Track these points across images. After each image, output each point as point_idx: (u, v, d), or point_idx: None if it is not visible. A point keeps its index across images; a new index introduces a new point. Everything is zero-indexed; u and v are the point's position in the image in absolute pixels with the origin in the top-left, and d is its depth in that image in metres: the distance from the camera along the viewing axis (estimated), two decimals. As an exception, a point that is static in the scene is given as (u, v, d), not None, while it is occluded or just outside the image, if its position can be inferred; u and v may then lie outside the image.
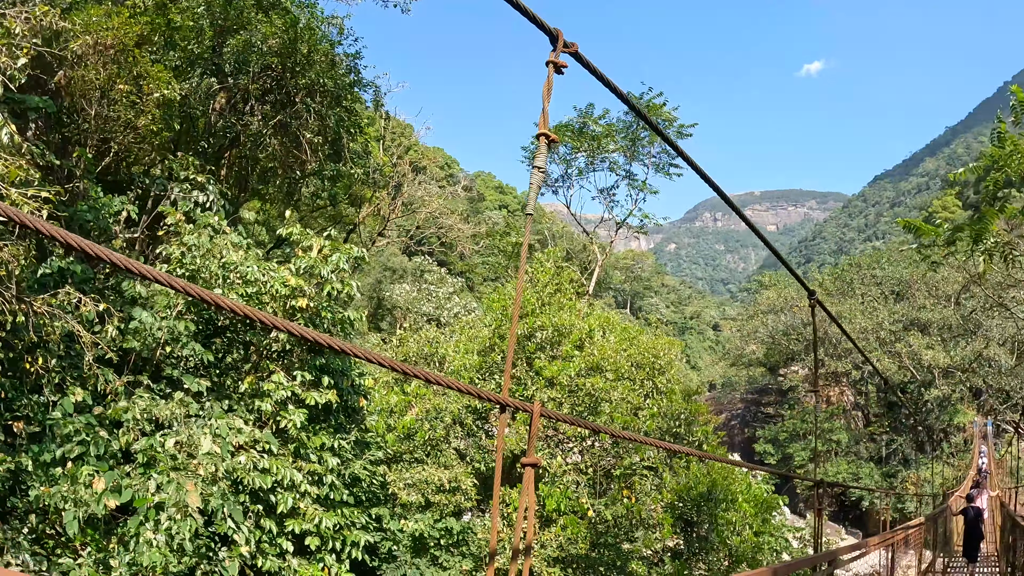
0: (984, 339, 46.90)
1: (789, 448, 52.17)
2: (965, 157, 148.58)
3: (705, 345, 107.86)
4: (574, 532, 13.07)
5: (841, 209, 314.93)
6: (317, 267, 10.75)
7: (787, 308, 60.30)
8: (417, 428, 14.85)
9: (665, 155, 33.92)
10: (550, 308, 16.33)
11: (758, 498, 16.60)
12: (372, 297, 50.80)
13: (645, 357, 16.68)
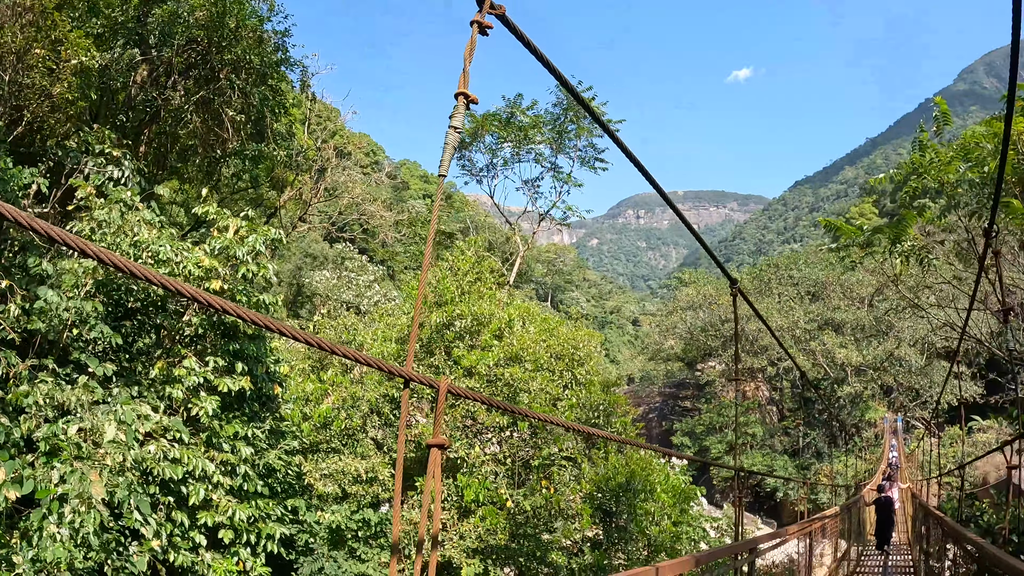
0: (896, 340, 49.22)
1: (706, 441, 53.33)
2: (883, 167, 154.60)
3: (624, 339, 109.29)
4: (493, 523, 12.97)
5: (761, 211, 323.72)
6: (233, 248, 10.34)
7: (706, 305, 61.70)
8: (333, 417, 14.50)
9: (591, 149, 34.02)
10: (470, 297, 16.17)
11: (676, 489, 16.88)
12: (292, 284, 49.78)
13: (564, 348, 16.65)
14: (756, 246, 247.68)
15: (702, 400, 58.75)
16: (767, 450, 51.09)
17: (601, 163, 34.26)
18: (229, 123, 17.38)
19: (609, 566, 13.72)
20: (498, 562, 13.19)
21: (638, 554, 14.89)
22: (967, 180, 11.75)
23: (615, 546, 14.47)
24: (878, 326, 52.20)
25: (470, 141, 34.03)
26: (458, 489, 13.19)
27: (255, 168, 22.08)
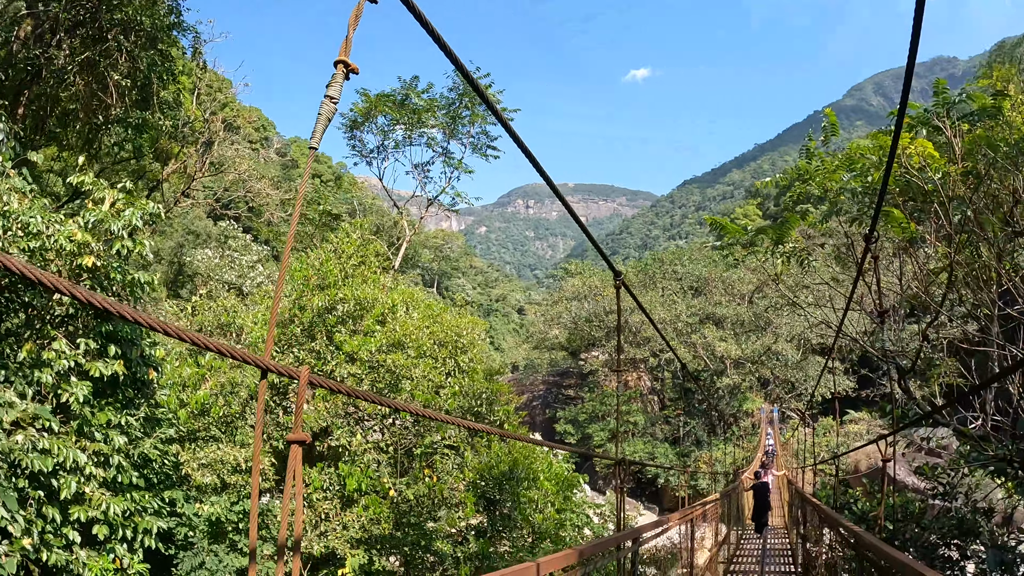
0: (773, 335, 51.62)
1: (588, 428, 54.19)
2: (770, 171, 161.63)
3: (510, 328, 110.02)
4: (377, 512, 12.51)
5: (649, 208, 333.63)
6: (108, 222, 9.43)
7: (591, 296, 62.69)
8: (212, 403, 13.57)
9: (484, 136, 33.65)
10: (353, 281, 15.58)
11: (559, 476, 16.88)
12: (173, 262, 47.34)
13: (448, 335, 16.33)
14: (643, 241, 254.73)
15: (585, 389, 59.66)
16: (648, 438, 52.37)
17: (493, 151, 34.02)
18: (114, 88, 16.20)
19: (494, 553, 13.54)
20: (383, 552, 12.76)
21: (522, 541, 14.80)
22: (850, 189, 12.10)
23: (499, 534, 14.32)
24: (757, 322, 54.55)
25: (362, 121, 33.12)
26: (340, 478, 12.64)
27: (139, 137, 20.72)
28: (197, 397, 13.58)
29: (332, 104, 2.85)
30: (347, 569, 11.69)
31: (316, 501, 12.41)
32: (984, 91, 10.22)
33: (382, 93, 31.82)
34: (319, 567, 12.52)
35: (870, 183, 11.36)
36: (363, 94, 31.94)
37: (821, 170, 12.50)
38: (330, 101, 2.84)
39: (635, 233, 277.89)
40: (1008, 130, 9.31)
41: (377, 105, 31.94)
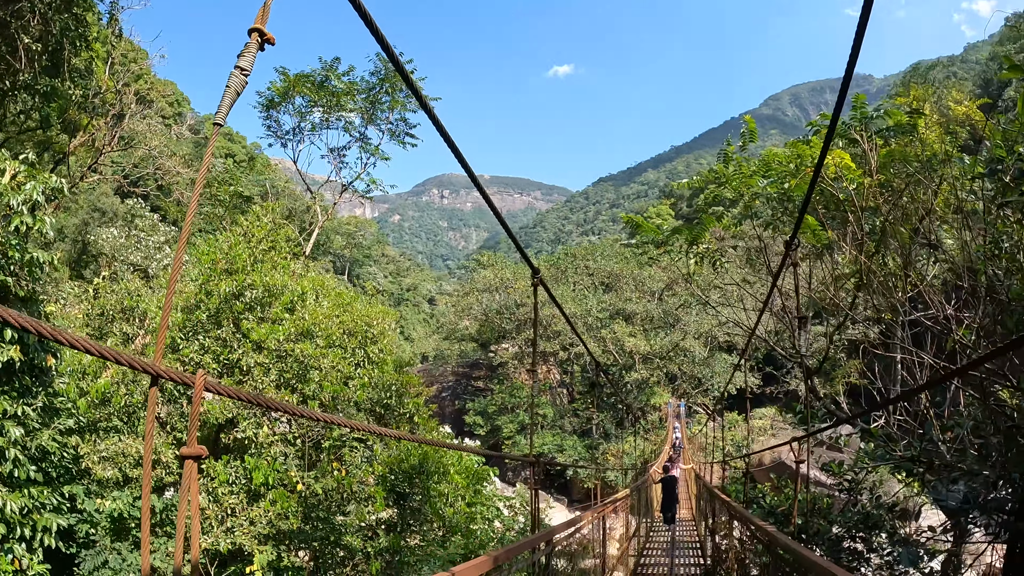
0: (682, 332, 52.96)
1: (498, 420, 54.22)
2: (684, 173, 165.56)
3: (420, 318, 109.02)
4: (284, 507, 12.07)
5: (564, 203, 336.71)
6: (6, 196, 8.73)
7: (502, 288, 62.68)
8: (113, 392, 12.82)
9: (403, 123, 33.12)
10: (263, 266, 15.02)
11: (469, 470, 16.71)
12: (77, 241, 44.66)
13: (358, 325, 15.97)
14: (556, 235, 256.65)
15: (495, 381, 59.62)
16: (558, 431, 52.77)
17: (411, 139, 33.53)
18: (24, 51, 15.11)
19: (405, 548, 13.29)
20: (292, 547, 12.32)
21: (433, 534, 14.59)
22: (765, 194, 12.34)
23: (409, 528, 14.07)
24: (666, 319, 55.79)
25: (279, 101, 32.07)
26: (247, 471, 12.14)
27: (47, 106, 19.57)
28: (97, 386, 12.84)
29: (243, 76, 2.56)
30: (255, 566, 11.26)
31: (222, 495, 11.89)
32: (900, 108, 10.56)
33: (301, 73, 30.92)
34: (226, 564, 12.00)
35: (785, 190, 11.61)
36: (282, 73, 30.98)
37: (738, 175, 12.71)
38: (240, 73, 2.55)
39: (549, 227, 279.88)
40: (921, 147, 9.65)
41: (295, 85, 30.98)
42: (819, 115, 11.58)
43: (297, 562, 12.25)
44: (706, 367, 52.48)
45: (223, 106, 2.53)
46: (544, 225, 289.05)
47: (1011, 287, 5.73)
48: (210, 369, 13.08)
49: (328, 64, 30.89)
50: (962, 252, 8.40)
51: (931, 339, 8.16)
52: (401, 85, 31.00)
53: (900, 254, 9.83)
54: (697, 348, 52.29)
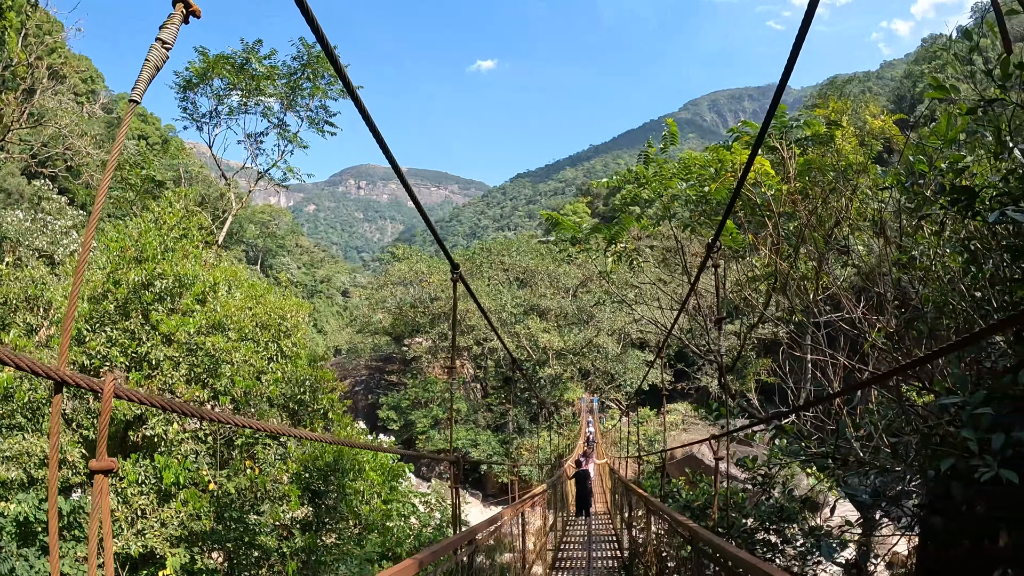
0: (595, 329, 53.78)
1: (412, 415, 53.86)
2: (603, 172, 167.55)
3: (333, 310, 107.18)
4: (197, 507, 11.61)
5: (481, 197, 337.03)
6: None
7: (417, 282, 62.32)
8: (15, 388, 12.02)
9: (323, 111, 32.40)
10: (173, 255, 14.45)
11: (385, 467, 16.45)
12: (-21, 224, 42.08)
13: (271, 318, 15.48)
14: (472, 230, 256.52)
15: (408, 375, 59.18)
16: (472, 425, 52.80)
17: (331, 127, 32.85)
18: None
19: (321, 547, 12.99)
20: (205, 549, 11.85)
21: (348, 533, 14.34)
22: (684, 196, 12.60)
23: (325, 526, 13.78)
24: (580, 315, 56.55)
25: (197, 82, 30.85)
26: (156, 471, 11.61)
27: (-50, 77, 18.18)
28: None
29: (164, 50, 2.39)
30: (168, 570, 10.79)
31: (131, 496, 11.35)
32: (819, 120, 10.95)
33: (221, 54, 29.77)
34: (137, 568, 11.46)
35: (705, 193, 11.89)
36: (201, 53, 29.75)
37: (658, 176, 12.93)
38: (162, 46, 2.38)
39: (465, 221, 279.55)
40: (838, 157, 10.04)
41: (215, 67, 29.81)
42: (741, 122, 11.90)
43: (211, 564, 11.79)
44: (619, 363, 53.45)
45: (141, 81, 2.36)
46: (460, 219, 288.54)
47: (924, 295, 6.00)
48: (117, 363, 12.48)
49: (249, 46, 29.91)
50: (873, 259, 8.78)
51: (844, 341, 8.48)
52: (323, 72, 30.40)
53: (814, 258, 10.20)
54: (610, 345, 53.21)
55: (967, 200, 4.67)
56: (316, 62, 30.16)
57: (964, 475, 4.06)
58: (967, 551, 4.00)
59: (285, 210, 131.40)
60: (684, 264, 15.58)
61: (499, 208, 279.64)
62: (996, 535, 3.70)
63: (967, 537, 4.02)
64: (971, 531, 4.02)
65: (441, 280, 60.55)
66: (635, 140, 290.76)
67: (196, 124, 32.78)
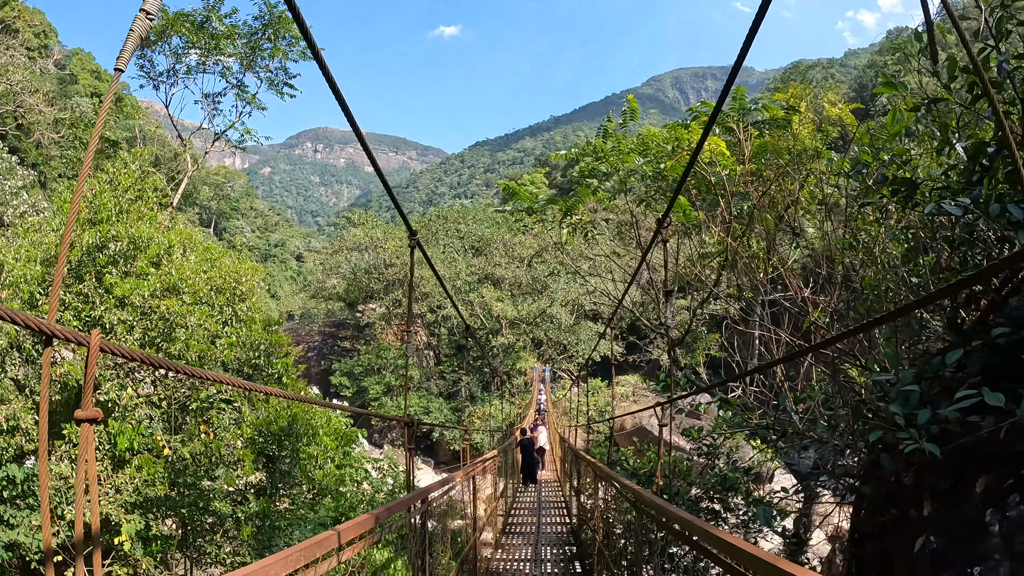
0: (549, 299, 54.18)
1: (364, 381, 53.75)
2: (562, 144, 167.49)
3: (287, 275, 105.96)
4: (151, 473, 11.56)
5: (439, 164, 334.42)
6: None
7: (372, 247, 61.91)
8: None
9: (283, 73, 31.83)
10: (129, 217, 14.22)
11: (338, 432, 16.57)
12: (-76, 182, 40.43)
13: (226, 281, 15.30)
14: (428, 196, 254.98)
15: (362, 341, 58.97)
16: (424, 392, 52.98)
17: (290, 89, 32.36)
18: None
19: (275, 512, 13.08)
20: (159, 515, 11.83)
21: (303, 497, 14.45)
22: (640, 172, 12.80)
23: (279, 491, 13.87)
24: (534, 285, 56.87)
25: (155, 40, 30.07)
26: (110, 437, 11.53)
27: None
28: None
29: (148, 20, 2.50)
30: (123, 536, 10.78)
31: (76, 490, 11.22)
32: (779, 104, 11.20)
33: (181, 12, 29.08)
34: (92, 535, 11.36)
35: (661, 169, 12.11)
36: (160, 10, 28.99)
37: (616, 151, 13.09)
38: (145, 16, 2.49)
39: (422, 188, 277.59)
40: (794, 141, 10.31)
41: (174, 24, 29.12)
42: (700, 102, 12.11)
43: (165, 530, 11.82)
44: (571, 334, 53.96)
45: (126, 51, 2.46)
46: (417, 185, 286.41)
47: (865, 276, 6.30)
48: (71, 327, 12.30)
49: (210, 4, 29.24)
50: (822, 241, 9.11)
51: (788, 319, 8.81)
52: (284, 32, 29.90)
53: (764, 238, 10.50)
54: (563, 315, 53.68)
55: (908, 191, 4.93)
56: (278, 22, 29.67)
57: (892, 447, 4.36)
58: (895, 518, 4.30)
59: (240, 172, 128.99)
60: (638, 238, 15.84)
61: (457, 176, 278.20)
62: (921, 504, 3.99)
63: (895, 506, 4.32)
64: (898, 500, 4.32)
65: (396, 247, 60.24)
66: (596, 112, 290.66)
67: (153, 83, 32.10)
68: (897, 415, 3.95)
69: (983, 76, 2.82)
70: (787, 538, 8.48)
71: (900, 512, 4.26)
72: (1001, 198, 4.24)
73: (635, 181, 13.70)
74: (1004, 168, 4.43)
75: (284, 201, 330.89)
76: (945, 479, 3.90)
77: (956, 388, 4.03)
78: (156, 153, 44.70)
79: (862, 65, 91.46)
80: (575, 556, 12.09)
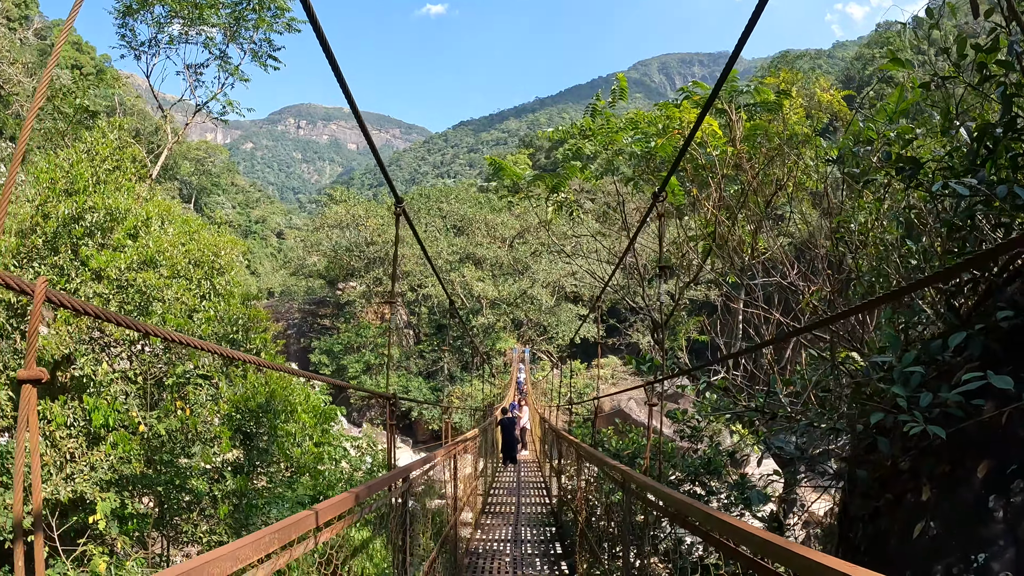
0: (530, 280, 54.02)
1: (344, 360, 53.43)
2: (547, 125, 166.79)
3: (268, 252, 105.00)
4: (127, 450, 11.33)
5: (422, 143, 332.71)
6: None
7: (353, 225, 61.44)
8: None
9: (267, 44, 31.25)
10: (106, 187, 13.88)
11: (317, 409, 16.34)
12: (-101, 154, 39.45)
13: (205, 255, 15.00)
14: (411, 175, 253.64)
15: (341, 319, 58.63)
16: (403, 371, 52.80)
17: (274, 61, 31.79)
18: None
19: (252, 490, 12.87)
20: (135, 493, 11.58)
21: (280, 476, 14.27)
22: (628, 151, 12.67)
23: (257, 469, 13.66)
24: (516, 266, 56.75)
25: (137, 8, 29.42)
26: (85, 413, 11.26)
27: None
28: None
29: None
30: (98, 515, 10.53)
31: (60, 440, 10.99)
32: (770, 88, 11.10)
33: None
34: (68, 514, 11.12)
35: (650, 148, 11.98)
36: None
37: (605, 128, 12.94)
38: None
39: (405, 167, 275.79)
40: (784, 126, 10.23)
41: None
42: (692, 82, 11.95)
43: (141, 508, 11.58)
44: (552, 316, 53.95)
45: None
46: (401, 164, 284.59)
47: (859, 259, 6.23)
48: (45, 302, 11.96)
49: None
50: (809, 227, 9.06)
51: (778, 301, 8.76)
52: (269, 3, 29.32)
53: (752, 221, 10.43)
54: (544, 297, 53.64)
55: (911, 170, 4.84)
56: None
57: (890, 431, 4.28)
58: (889, 503, 4.23)
59: (222, 147, 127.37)
60: (624, 219, 15.73)
61: (440, 155, 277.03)
62: (919, 488, 3.92)
63: (890, 491, 4.25)
64: (893, 484, 4.25)
65: (378, 224, 59.83)
66: (582, 95, 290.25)
67: (134, 52, 31.42)
68: (900, 397, 3.87)
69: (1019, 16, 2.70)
70: (767, 523, 8.46)
71: (895, 496, 4.20)
72: (1006, 180, 4.17)
73: (622, 161, 13.57)
74: (1008, 152, 4.36)
75: (266, 177, 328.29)
76: (944, 463, 3.83)
77: (954, 372, 3.97)
78: (136, 125, 43.93)
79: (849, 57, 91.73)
80: (555, 537, 12.06)
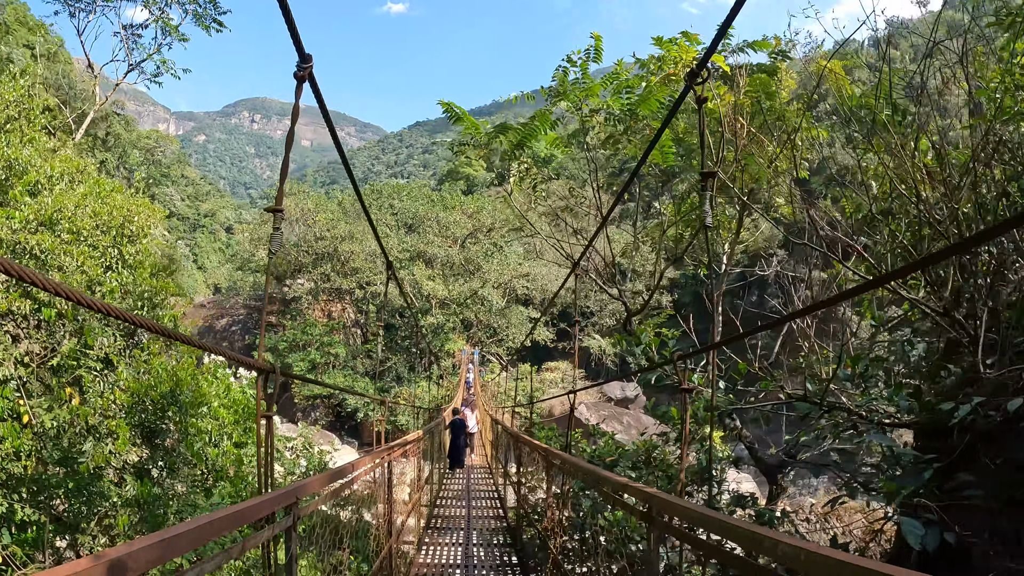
0: (481, 280, 52.88)
1: (289, 358, 51.40)
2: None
3: (216, 246, 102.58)
4: (15, 445, 9.45)
5: (376, 143, 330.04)
6: None
7: (302, 220, 59.67)
8: None
9: (212, 7, 29.06)
10: (8, 136, 12.04)
11: (238, 403, 14.17)
12: None
13: (114, 218, 12.86)
14: (365, 174, 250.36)
15: (287, 316, 56.59)
16: (349, 371, 51.36)
17: (217, 25, 29.57)
18: None
19: (159, 497, 10.73)
20: (27, 496, 9.61)
21: (194, 481, 12.19)
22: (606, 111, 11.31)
23: (166, 473, 11.61)
24: (467, 266, 55.61)
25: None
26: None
27: None
28: None
29: None
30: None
31: None
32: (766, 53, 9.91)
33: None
34: None
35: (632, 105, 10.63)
36: None
37: (578, 83, 11.45)
38: None
39: (359, 165, 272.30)
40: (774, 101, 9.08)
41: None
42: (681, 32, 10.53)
43: (31, 514, 9.59)
44: (502, 318, 53.20)
45: None
46: (355, 162, 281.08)
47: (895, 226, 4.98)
48: None
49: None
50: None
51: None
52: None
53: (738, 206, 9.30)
54: (495, 298, 52.96)
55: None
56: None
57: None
58: None
59: (173, 138, 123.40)
60: (596, 190, 14.24)
61: (394, 155, 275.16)
62: None
63: None
64: None
65: (327, 220, 58.19)
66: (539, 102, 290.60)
67: (68, 9, 29.18)
68: None
69: None
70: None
71: None
72: None
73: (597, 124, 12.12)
74: None
75: (217, 171, 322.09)
76: None
77: None
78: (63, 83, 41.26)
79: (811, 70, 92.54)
80: (513, 559, 10.35)
